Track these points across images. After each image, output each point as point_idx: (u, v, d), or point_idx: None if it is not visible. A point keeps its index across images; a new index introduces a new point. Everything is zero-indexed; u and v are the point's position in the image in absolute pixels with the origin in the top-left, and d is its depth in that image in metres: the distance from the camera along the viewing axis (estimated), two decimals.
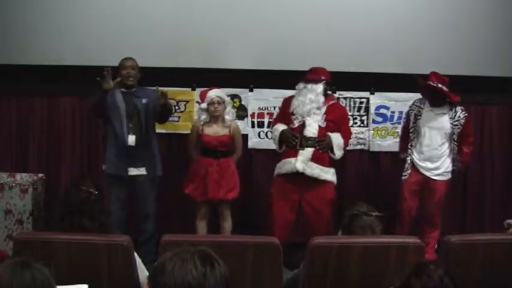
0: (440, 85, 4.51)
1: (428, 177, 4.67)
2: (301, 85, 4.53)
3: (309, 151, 4.43)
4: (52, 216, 4.90)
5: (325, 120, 4.50)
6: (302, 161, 4.41)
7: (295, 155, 4.43)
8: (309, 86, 4.50)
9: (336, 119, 4.55)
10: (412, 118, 4.71)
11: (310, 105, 4.46)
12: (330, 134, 4.49)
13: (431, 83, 4.52)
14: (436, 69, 4.65)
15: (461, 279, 2.69)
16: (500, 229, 4.91)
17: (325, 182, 4.47)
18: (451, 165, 4.69)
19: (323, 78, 4.52)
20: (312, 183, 4.44)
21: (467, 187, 5.38)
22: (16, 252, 2.64)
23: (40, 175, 4.99)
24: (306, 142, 4.43)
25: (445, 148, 4.66)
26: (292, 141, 4.44)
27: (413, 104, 4.78)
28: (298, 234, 4.69)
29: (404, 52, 5.12)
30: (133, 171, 4.51)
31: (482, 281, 2.73)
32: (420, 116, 4.67)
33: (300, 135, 4.44)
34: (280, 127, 4.57)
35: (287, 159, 4.48)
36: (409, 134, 4.74)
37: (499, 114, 5.37)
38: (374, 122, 5.29)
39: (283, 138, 4.53)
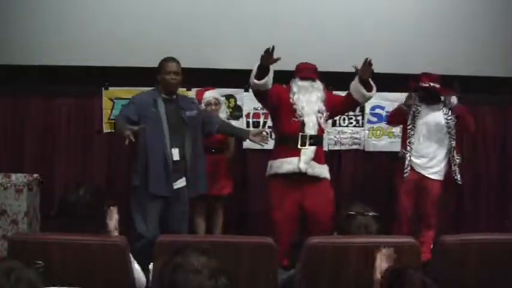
0: (432, 84, 4.54)
1: (424, 175, 4.68)
2: (305, 83, 4.37)
3: (311, 150, 4.28)
4: (47, 217, 4.90)
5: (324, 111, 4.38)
6: (305, 161, 4.26)
7: (295, 154, 4.27)
8: (315, 84, 4.39)
9: (329, 104, 4.44)
10: (410, 116, 4.70)
11: (318, 104, 4.35)
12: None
13: (424, 84, 4.55)
14: (431, 69, 4.68)
15: (456, 279, 2.71)
16: (495, 229, 4.95)
17: (322, 180, 4.35)
18: (445, 165, 4.69)
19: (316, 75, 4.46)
20: (310, 182, 4.30)
21: (462, 187, 5.39)
22: (11, 253, 2.63)
23: (35, 175, 4.97)
24: (308, 140, 4.27)
25: (441, 145, 4.67)
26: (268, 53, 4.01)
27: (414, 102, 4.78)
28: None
29: (399, 52, 5.13)
30: (175, 185, 4.09)
31: (477, 281, 2.74)
32: (418, 113, 4.68)
33: (300, 134, 4.28)
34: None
35: (287, 159, 4.29)
36: (407, 132, 4.73)
37: (493, 114, 5.40)
38: (369, 121, 5.31)
39: (261, 60, 4.09)
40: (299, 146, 4.27)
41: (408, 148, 4.70)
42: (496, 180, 5.41)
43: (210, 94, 4.79)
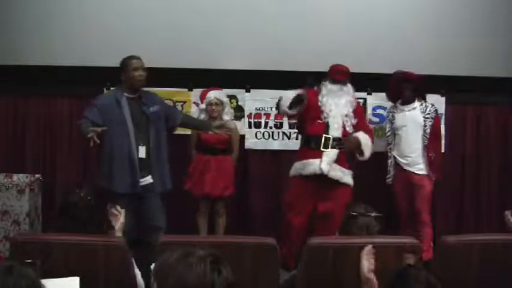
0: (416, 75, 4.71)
1: (413, 172, 4.74)
2: (335, 87, 4.41)
3: (334, 152, 4.29)
4: (49, 217, 4.91)
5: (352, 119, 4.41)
6: (327, 162, 4.26)
7: (318, 156, 4.27)
8: (345, 88, 4.42)
9: (357, 114, 4.48)
10: (388, 122, 4.89)
11: (347, 107, 4.38)
12: (356, 134, 4.38)
13: (406, 74, 4.71)
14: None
15: (458, 279, 2.71)
16: (496, 229, 4.94)
17: (343, 186, 4.34)
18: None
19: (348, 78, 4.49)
20: (330, 187, 4.29)
21: (463, 187, 5.40)
22: (12, 253, 2.63)
23: (37, 176, 4.98)
24: (332, 142, 4.29)
25: (421, 143, 4.74)
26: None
27: (388, 110, 4.95)
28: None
29: (401, 53, 5.13)
30: (141, 182, 4.09)
31: (478, 281, 2.74)
32: (394, 118, 4.82)
33: (324, 136, 4.31)
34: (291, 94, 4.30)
35: (310, 160, 4.30)
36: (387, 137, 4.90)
37: (496, 115, 5.39)
38: (371, 122, 5.30)
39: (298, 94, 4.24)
40: (322, 148, 4.27)
41: (390, 154, 4.84)
42: (497, 180, 5.40)
43: (212, 94, 4.79)
